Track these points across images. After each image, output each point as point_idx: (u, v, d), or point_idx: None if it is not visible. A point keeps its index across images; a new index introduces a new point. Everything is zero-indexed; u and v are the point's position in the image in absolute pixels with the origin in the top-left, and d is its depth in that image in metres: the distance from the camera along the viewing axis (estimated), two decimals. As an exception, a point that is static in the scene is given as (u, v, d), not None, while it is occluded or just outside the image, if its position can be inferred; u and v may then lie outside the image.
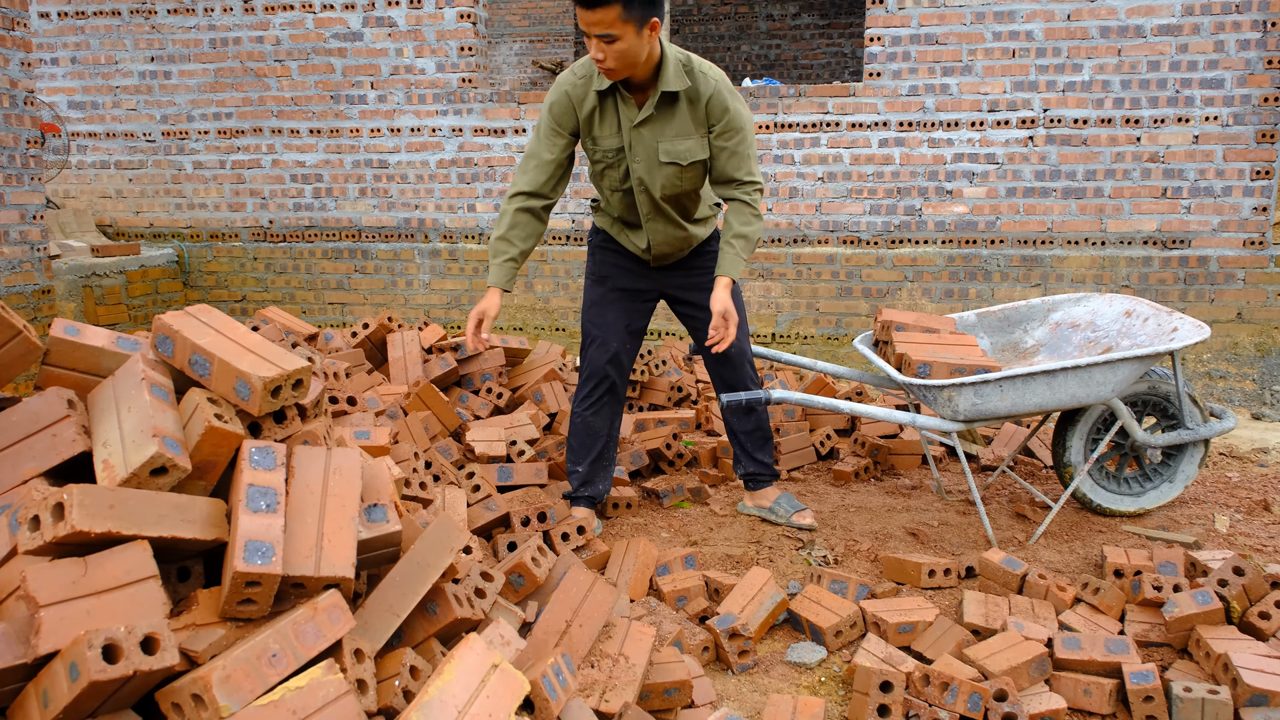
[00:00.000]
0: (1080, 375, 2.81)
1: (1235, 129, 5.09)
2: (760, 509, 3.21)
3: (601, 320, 3.00)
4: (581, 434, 3.03)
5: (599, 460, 3.05)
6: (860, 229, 5.58)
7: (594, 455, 3.04)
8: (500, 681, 1.60)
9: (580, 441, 3.04)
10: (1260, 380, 5.17)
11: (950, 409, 2.82)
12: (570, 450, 3.07)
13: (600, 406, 3.01)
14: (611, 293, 3.02)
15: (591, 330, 3.01)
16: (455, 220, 6.00)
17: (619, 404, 3.05)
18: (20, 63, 4.58)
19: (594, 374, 2.99)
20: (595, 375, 2.98)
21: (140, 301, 5.82)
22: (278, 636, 1.48)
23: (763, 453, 3.19)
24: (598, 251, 3.06)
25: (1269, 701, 2.01)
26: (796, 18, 10.17)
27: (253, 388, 1.73)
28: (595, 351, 2.99)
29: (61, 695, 1.30)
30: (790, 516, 3.13)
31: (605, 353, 2.98)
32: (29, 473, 1.65)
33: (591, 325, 3.02)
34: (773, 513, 3.17)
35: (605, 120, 2.77)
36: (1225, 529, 3.12)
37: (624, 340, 3.00)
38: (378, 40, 5.90)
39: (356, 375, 3.76)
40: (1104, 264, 5.32)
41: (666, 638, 2.30)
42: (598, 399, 3.00)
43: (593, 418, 3.01)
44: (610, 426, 3.05)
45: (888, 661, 2.20)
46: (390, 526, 1.79)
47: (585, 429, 3.02)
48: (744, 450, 3.20)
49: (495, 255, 2.85)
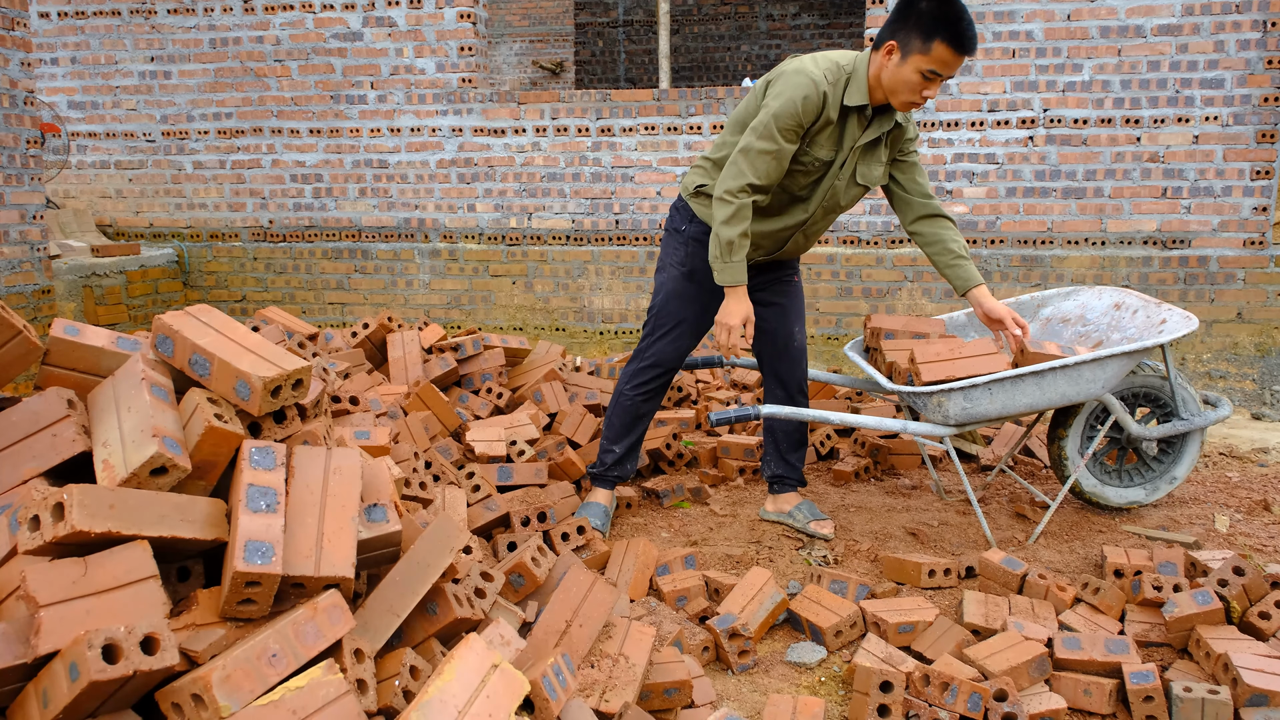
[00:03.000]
0: (1069, 374, 2.80)
1: (1235, 129, 5.09)
2: (780, 514, 3.18)
3: (683, 315, 2.99)
4: (628, 416, 3.08)
5: (636, 443, 3.13)
6: (860, 229, 5.58)
7: (634, 438, 3.11)
8: (500, 681, 1.60)
9: (624, 423, 3.09)
10: (1260, 380, 5.17)
11: (940, 414, 2.81)
12: (610, 429, 3.11)
13: (653, 394, 3.07)
14: (700, 290, 2.98)
15: (669, 323, 3.00)
16: (455, 220, 6.00)
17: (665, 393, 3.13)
18: (20, 63, 4.58)
19: (660, 364, 3.02)
20: (661, 366, 3.02)
21: (140, 301, 5.82)
22: (278, 636, 1.48)
23: (794, 455, 3.19)
24: (693, 244, 2.96)
25: (1269, 701, 2.01)
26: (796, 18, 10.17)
27: (253, 388, 1.73)
28: (668, 345, 3.00)
29: (61, 695, 1.30)
30: (807, 524, 3.10)
31: (677, 349, 3.01)
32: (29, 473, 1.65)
33: (671, 318, 2.99)
34: (791, 518, 3.15)
35: (828, 131, 2.73)
36: (1225, 529, 3.12)
37: (696, 339, 3.05)
38: (378, 40, 5.90)
39: (356, 375, 3.76)
40: (1104, 264, 5.32)
41: (666, 638, 2.30)
42: (655, 388, 3.05)
43: (644, 404, 3.07)
44: (653, 413, 3.13)
45: (888, 661, 2.20)
46: (390, 526, 1.79)
47: (634, 412, 3.08)
48: (776, 449, 3.19)
49: (737, 252, 2.70)
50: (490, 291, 6.02)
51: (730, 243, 2.69)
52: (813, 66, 2.68)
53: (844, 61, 2.72)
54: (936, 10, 2.50)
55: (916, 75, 2.58)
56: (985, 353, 2.87)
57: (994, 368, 2.82)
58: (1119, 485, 3.18)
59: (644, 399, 3.06)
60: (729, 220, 2.68)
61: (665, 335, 3.01)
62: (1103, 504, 3.16)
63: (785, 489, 3.20)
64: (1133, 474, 3.20)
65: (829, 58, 2.72)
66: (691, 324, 3.01)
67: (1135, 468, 3.21)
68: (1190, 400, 3.07)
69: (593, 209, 5.83)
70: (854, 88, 2.68)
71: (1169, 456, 3.16)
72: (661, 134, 5.68)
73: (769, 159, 2.66)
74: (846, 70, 2.70)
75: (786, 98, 2.64)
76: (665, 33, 6.79)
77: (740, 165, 2.68)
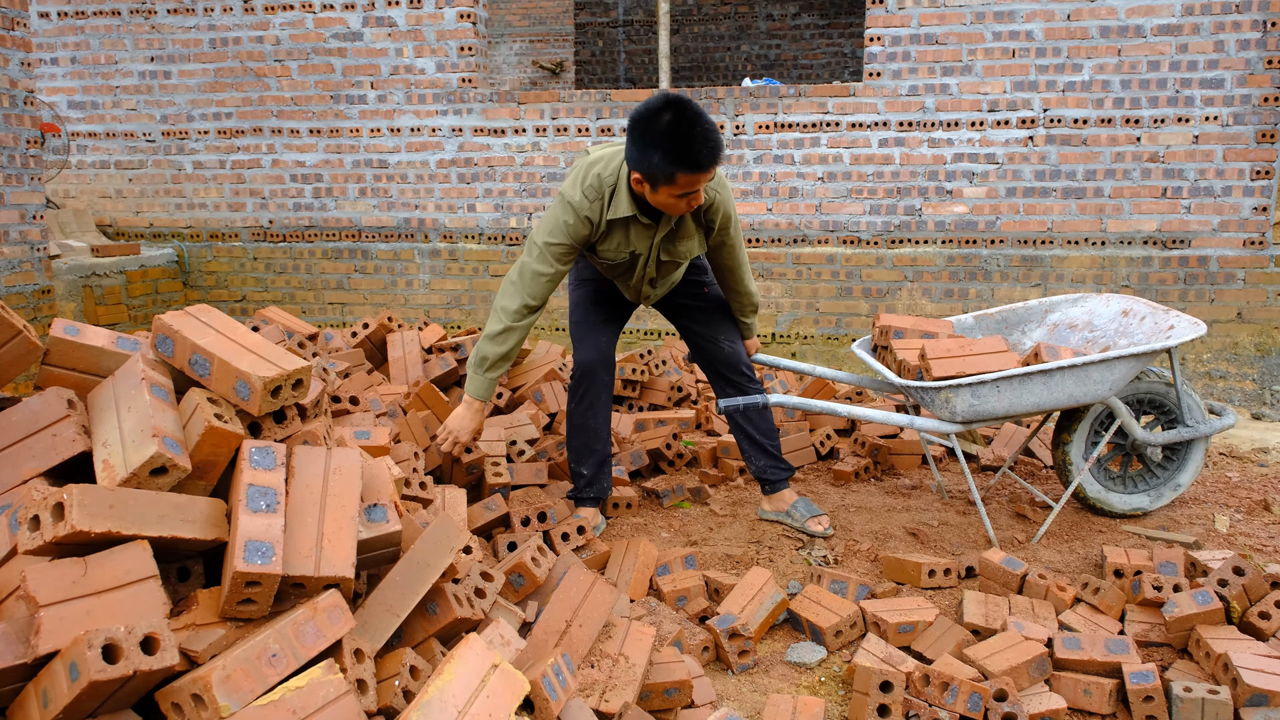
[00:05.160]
0: (1077, 374, 2.81)
1: (1235, 129, 5.08)
2: (778, 513, 3.19)
3: (587, 320, 3.05)
4: (579, 432, 3.05)
5: (602, 459, 3.07)
6: (860, 229, 5.58)
7: (596, 455, 3.06)
8: (500, 681, 1.60)
9: (582, 443, 3.05)
10: (1260, 380, 5.17)
11: (948, 410, 2.82)
12: (572, 451, 3.08)
13: (592, 403, 3.02)
14: (596, 291, 3.08)
15: (579, 330, 3.04)
16: (455, 220, 6.00)
17: (610, 400, 3.08)
18: (20, 63, 4.58)
19: (587, 373, 3.00)
20: (588, 374, 3.00)
21: (140, 301, 5.82)
22: (278, 636, 1.48)
23: (771, 442, 3.18)
24: (581, 256, 3.07)
25: (1269, 701, 2.01)
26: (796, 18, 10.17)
27: (253, 388, 1.73)
28: (586, 351, 3.01)
29: (61, 695, 1.30)
30: (805, 522, 3.10)
31: (595, 351, 3.00)
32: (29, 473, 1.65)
33: (578, 325, 3.05)
34: (789, 516, 3.15)
35: (613, 236, 2.78)
36: (1225, 529, 3.12)
37: (610, 335, 3.05)
38: (378, 40, 5.90)
39: (356, 375, 3.76)
40: (1104, 264, 5.32)
41: (666, 638, 2.30)
42: (591, 397, 3.02)
43: (588, 414, 3.03)
44: (606, 424, 3.07)
45: (888, 661, 2.20)
46: (390, 526, 1.79)
47: (581, 425, 3.04)
48: (752, 441, 3.18)
49: (490, 369, 2.80)
50: (490, 291, 6.02)
51: (485, 358, 2.80)
52: (574, 189, 2.71)
53: (608, 173, 2.71)
54: (668, 150, 2.46)
55: (672, 199, 2.59)
56: (995, 350, 2.89)
57: (1003, 365, 2.83)
58: (1123, 492, 3.18)
59: (585, 408, 3.02)
60: (495, 338, 2.78)
61: (579, 343, 3.03)
62: (1108, 511, 3.16)
63: (778, 487, 3.20)
64: (1137, 480, 3.20)
65: (594, 170, 2.71)
66: (598, 324, 3.04)
67: (1140, 474, 3.21)
68: (1195, 407, 3.08)
69: (593, 209, 5.83)
70: (618, 201, 2.70)
71: (1173, 463, 3.16)
72: (661, 134, 5.67)
73: (544, 280, 2.76)
74: (609, 183, 2.70)
75: (552, 223, 2.74)
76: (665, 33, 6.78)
77: (518, 286, 2.77)
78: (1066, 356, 2.85)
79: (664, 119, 2.45)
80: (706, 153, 2.47)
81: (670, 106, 2.46)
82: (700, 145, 2.45)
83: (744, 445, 3.20)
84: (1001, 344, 2.93)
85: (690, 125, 2.44)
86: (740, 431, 3.18)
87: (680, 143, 2.45)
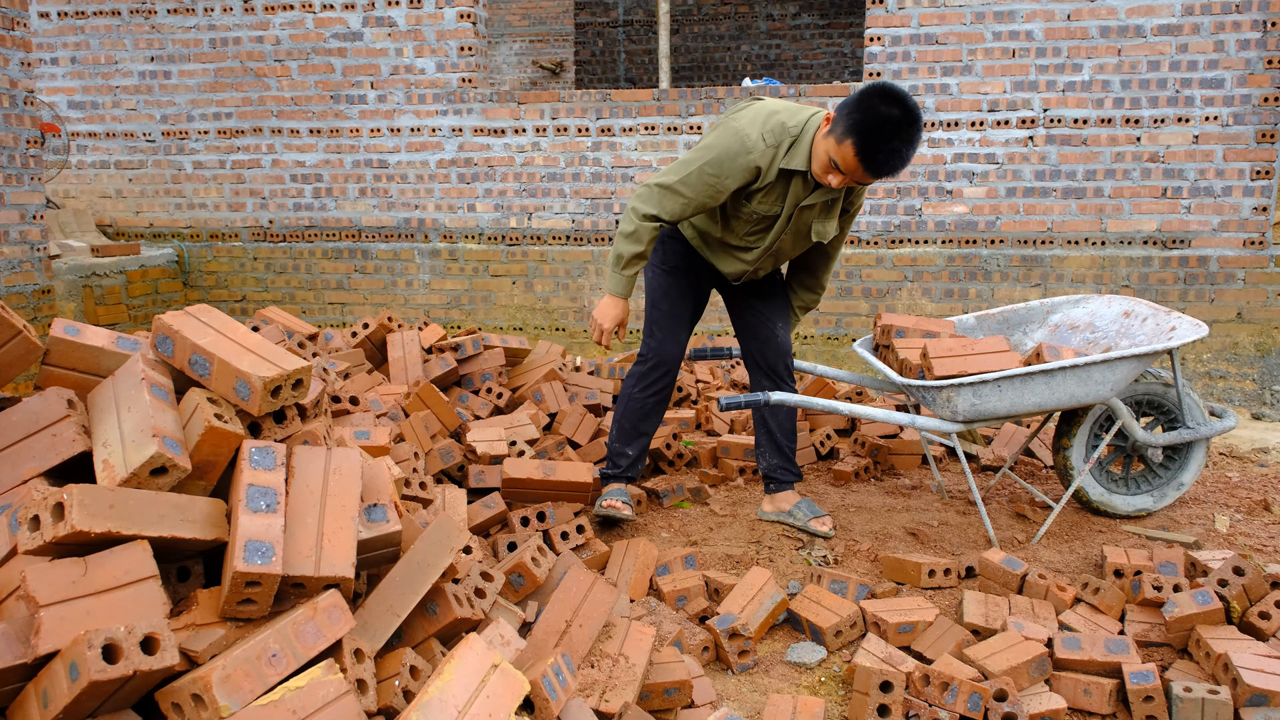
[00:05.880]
0: (1078, 374, 2.81)
1: (1235, 129, 5.09)
2: (779, 514, 3.18)
3: (674, 311, 3.05)
4: (637, 418, 3.10)
5: (645, 446, 3.16)
6: (860, 229, 5.57)
7: (644, 440, 3.14)
8: (500, 681, 1.60)
9: (633, 425, 3.11)
10: (1260, 380, 5.17)
11: (949, 409, 2.82)
12: (621, 432, 3.13)
13: (661, 393, 3.09)
14: (685, 282, 3.07)
15: (663, 320, 3.05)
16: (455, 220, 6.00)
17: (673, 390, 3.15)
18: (20, 63, 4.58)
19: (663, 364, 3.04)
20: (664, 364, 3.04)
21: (140, 301, 5.82)
22: (278, 636, 1.48)
23: (789, 443, 3.19)
24: (669, 241, 3.05)
25: (1269, 701, 2.01)
26: (796, 18, 10.16)
27: (253, 388, 1.73)
28: (666, 343, 3.03)
29: (61, 695, 1.30)
30: (807, 522, 3.10)
31: (676, 345, 3.04)
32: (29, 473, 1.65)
33: (663, 315, 3.05)
34: (791, 516, 3.15)
35: (772, 191, 2.75)
36: (1225, 529, 3.12)
37: (689, 334, 3.09)
38: (378, 40, 5.90)
39: (356, 375, 3.76)
40: (1104, 264, 5.32)
41: (666, 638, 2.30)
42: (662, 386, 3.07)
43: (654, 403, 3.09)
44: (663, 412, 3.15)
45: (888, 661, 2.20)
46: (390, 526, 1.79)
47: (643, 413, 3.10)
48: (771, 439, 3.17)
49: (627, 267, 2.83)
50: (490, 291, 6.02)
51: (620, 255, 2.83)
52: (751, 127, 2.67)
53: (794, 122, 2.68)
54: (869, 120, 2.46)
55: (825, 156, 2.58)
56: (997, 350, 2.89)
57: (1005, 365, 2.83)
58: (1126, 493, 3.18)
59: (653, 398, 3.08)
60: (627, 237, 2.81)
61: (661, 334, 3.04)
62: (1111, 513, 3.16)
63: (782, 488, 3.19)
64: (1140, 481, 3.21)
65: (777, 117, 2.68)
66: (683, 317, 3.06)
67: (1142, 475, 3.21)
68: (1196, 409, 3.08)
69: (593, 209, 5.83)
70: (796, 152, 2.67)
71: (1174, 464, 3.16)
72: (661, 134, 5.68)
73: (680, 201, 2.74)
74: (793, 132, 2.67)
75: (716, 153, 2.68)
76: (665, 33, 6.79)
77: (655, 195, 2.76)
78: (1068, 357, 2.85)
79: (892, 114, 2.45)
80: (877, 160, 2.50)
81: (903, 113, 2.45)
82: (882, 150, 2.47)
83: (761, 440, 3.20)
84: (1003, 344, 2.93)
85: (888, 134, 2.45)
86: (763, 426, 3.19)
87: (874, 134, 2.45)
